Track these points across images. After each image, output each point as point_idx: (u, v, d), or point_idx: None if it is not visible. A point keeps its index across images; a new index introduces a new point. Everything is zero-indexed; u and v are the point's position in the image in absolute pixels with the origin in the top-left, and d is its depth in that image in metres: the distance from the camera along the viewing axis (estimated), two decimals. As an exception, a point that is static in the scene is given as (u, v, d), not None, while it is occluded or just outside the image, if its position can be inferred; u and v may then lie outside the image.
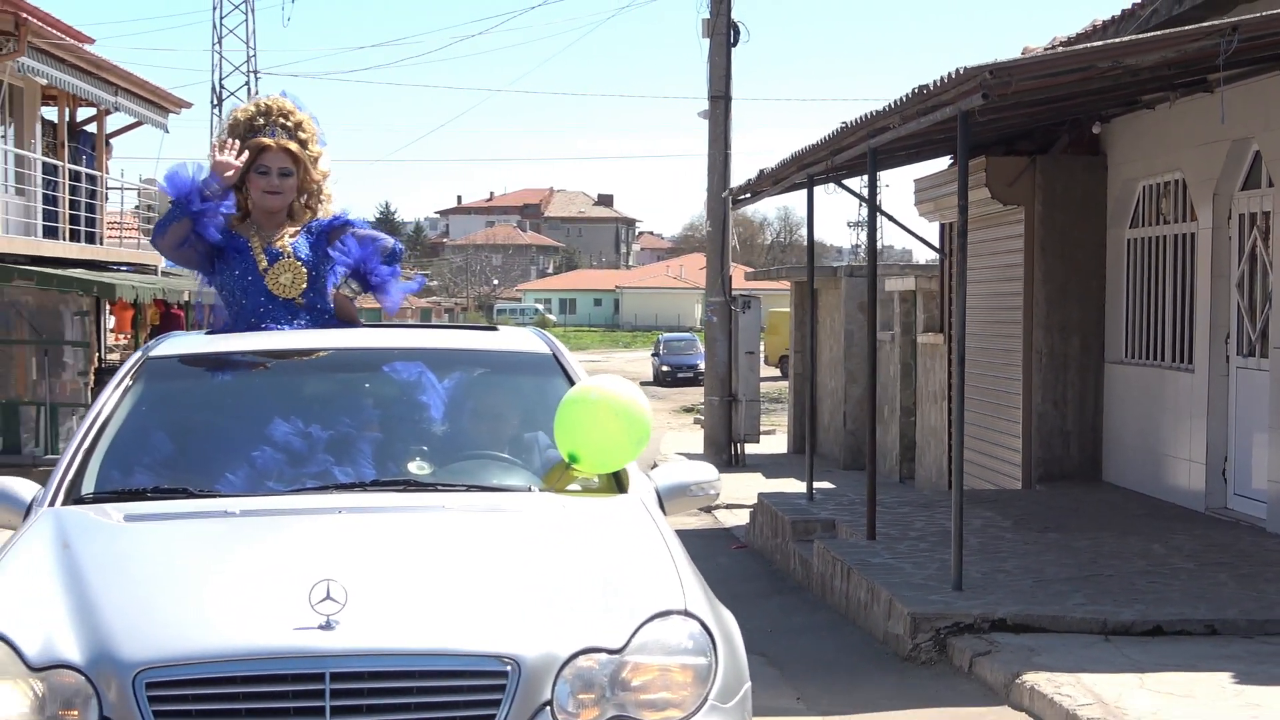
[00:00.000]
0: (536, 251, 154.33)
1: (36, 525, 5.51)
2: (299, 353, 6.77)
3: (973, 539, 13.17)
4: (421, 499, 5.67)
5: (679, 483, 6.19)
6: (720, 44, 27.07)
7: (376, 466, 5.93)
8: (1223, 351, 14.78)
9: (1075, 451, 17.59)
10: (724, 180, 26.73)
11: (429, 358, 6.50)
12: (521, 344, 6.88)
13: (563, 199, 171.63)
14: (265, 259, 6.96)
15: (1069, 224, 17.52)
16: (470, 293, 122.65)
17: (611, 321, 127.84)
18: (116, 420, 6.21)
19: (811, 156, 15.58)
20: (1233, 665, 8.82)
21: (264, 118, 7.15)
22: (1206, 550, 12.51)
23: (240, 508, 5.49)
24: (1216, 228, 14.85)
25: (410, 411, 6.31)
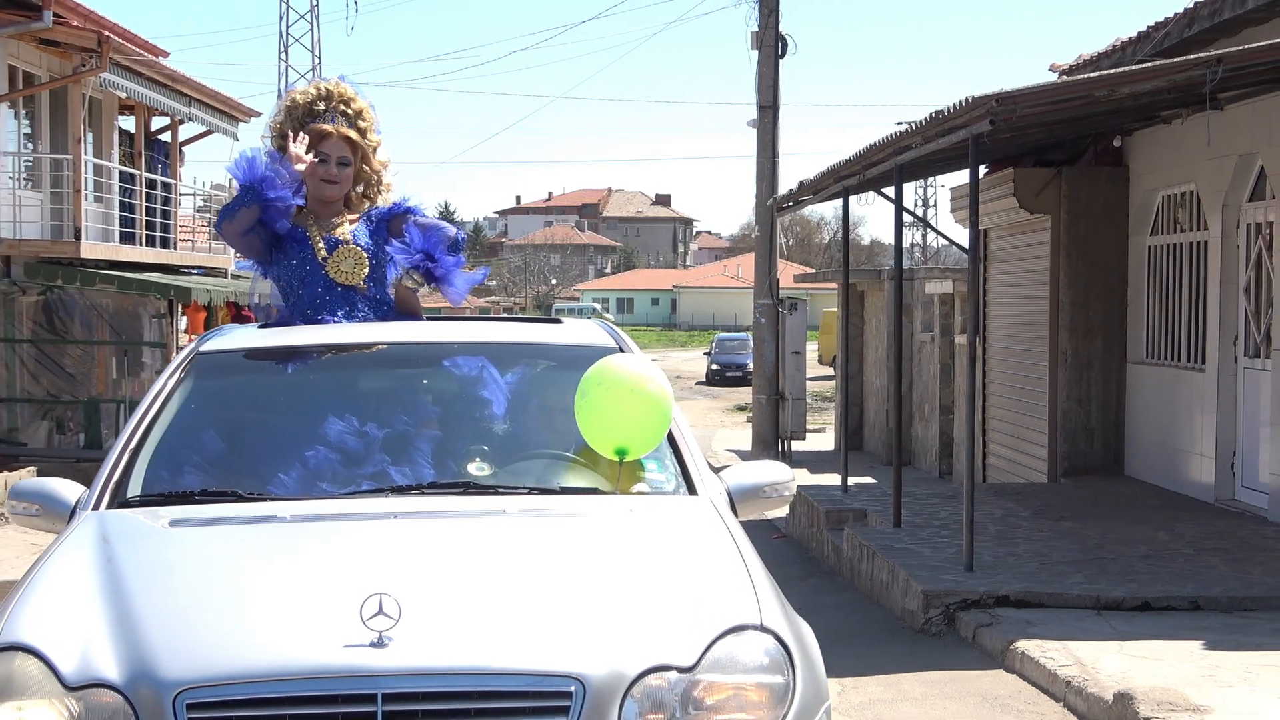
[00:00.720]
0: (594, 251, 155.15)
1: (78, 530, 5.32)
2: (355, 347, 6.53)
3: (992, 527, 14.26)
4: (481, 503, 5.42)
5: (752, 483, 5.91)
6: (769, 56, 28.07)
7: (435, 467, 5.70)
8: (1231, 353, 15.77)
9: (1098, 447, 18.60)
10: (772, 187, 27.76)
11: (491, 351, 6.27)
12: (586, 337, 6.58)
13: (621, 199, 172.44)
14: (324, 247, 6.77)
15: (1093, 232, 18.51)
16: (528, 292, 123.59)
17: (669, 321, 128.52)
18: (165, 419, 6.02)
19: (845, 170, 16.65)
20: (1206, 635, 9.85)
21: (324, 103, 6.98)
22: (1207, 537, 13.51)
23: (291, 512, 5.27)
24: (1225, 237, 15.85)
25: (471, 408, 6.07)
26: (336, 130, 6.85)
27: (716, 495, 5.68)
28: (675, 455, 5.80)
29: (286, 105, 7.03)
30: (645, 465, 5.70)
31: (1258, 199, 15.41)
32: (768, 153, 28.26)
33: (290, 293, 6.79)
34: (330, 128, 6.85)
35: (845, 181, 17.36)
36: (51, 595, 4.74)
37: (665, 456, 5.80)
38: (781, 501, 5.99)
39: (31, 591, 4.76)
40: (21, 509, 5.80)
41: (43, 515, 5.76)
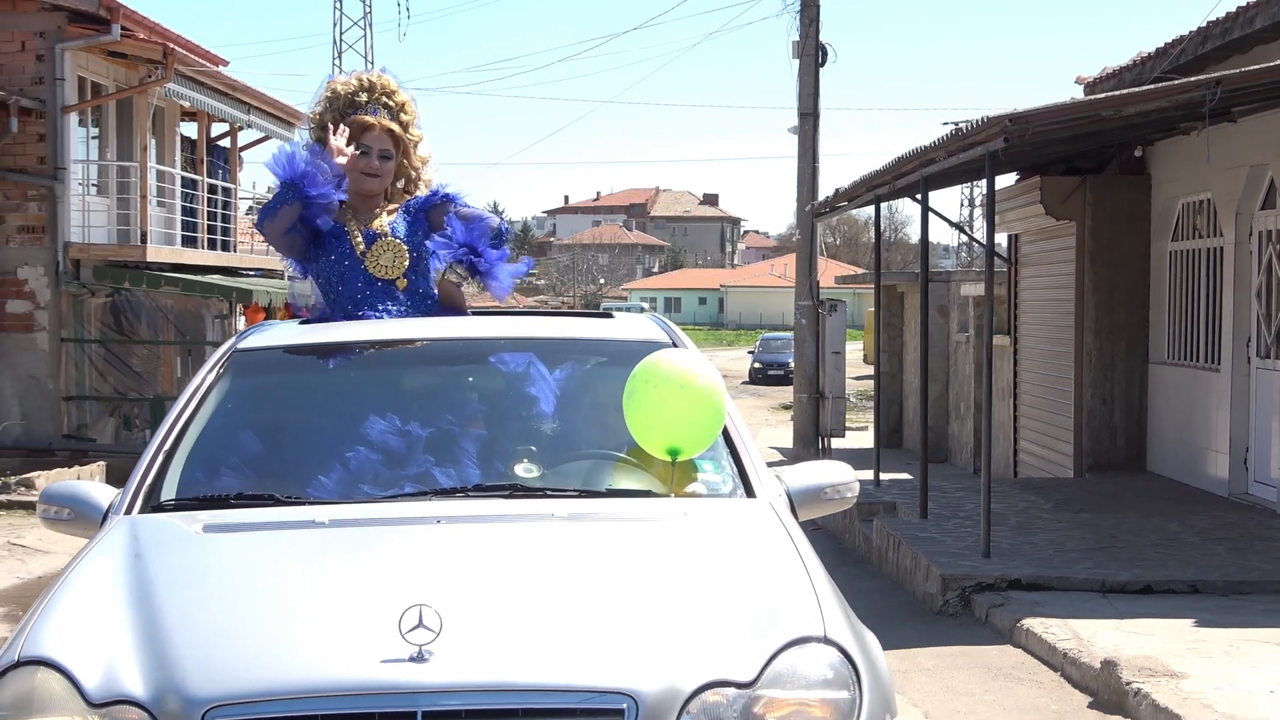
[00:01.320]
0: (642, 250, 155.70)
1: (108, 536, 5.12)
2: (397, 343, 6.31)
3: (1013, 518, 15.11)
4: (528, 506, 5.20)
5: (813, 484, 5.66)
6: (809, 65, 28.89)
7: (481, 468, 5.49)
8: (1244, 353, 16.57)
9: (1122, 444, 19.40)
10: (812, 192, 28.61)
11: (539, 347, 6.04)
12: (639, 331, 6.35)
13: (668, 198, 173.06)
14: (363, 241, 6.59)
15: (1116, 237, 19.32)
16: (576, 292, 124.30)
17: (716, 320, 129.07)
18: (201, 419, 5.82)
19: (876, 180, 17.52)
20: (1198, 614, 10.69)
21: (366, 94, 6.81)
22: (1215, 528, 14.33)
23: (329, 517, 5.07)
24: (1239, 243, 16.66)
25: (518, 407, 5.84)
26: (379, 122, 6.68)
27: (775, 497, 5.43)
28: (732, 455, 5.57)
29: (327, 96, 6.84)
30: (700, 466, 5.46)
31: (1269, 208, 16.21)
32: (808, 158, 29.10)
33: (330, 289, 6.62)
34: (373, 119, 6.68)
35: (877, 190, 18.23)
36: (77, 606, 4.57)
37: (721, 457, 5.56)
38: (843, 504, 5.72)
39: (56, 602, 4.58)
40: (53, 513, 5.62)
41: (74, 520, 5.59)
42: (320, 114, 6.81)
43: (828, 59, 29.10)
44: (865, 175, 18.20)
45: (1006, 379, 23.61)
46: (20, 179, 24.56)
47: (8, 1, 24.49)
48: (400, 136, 6.74)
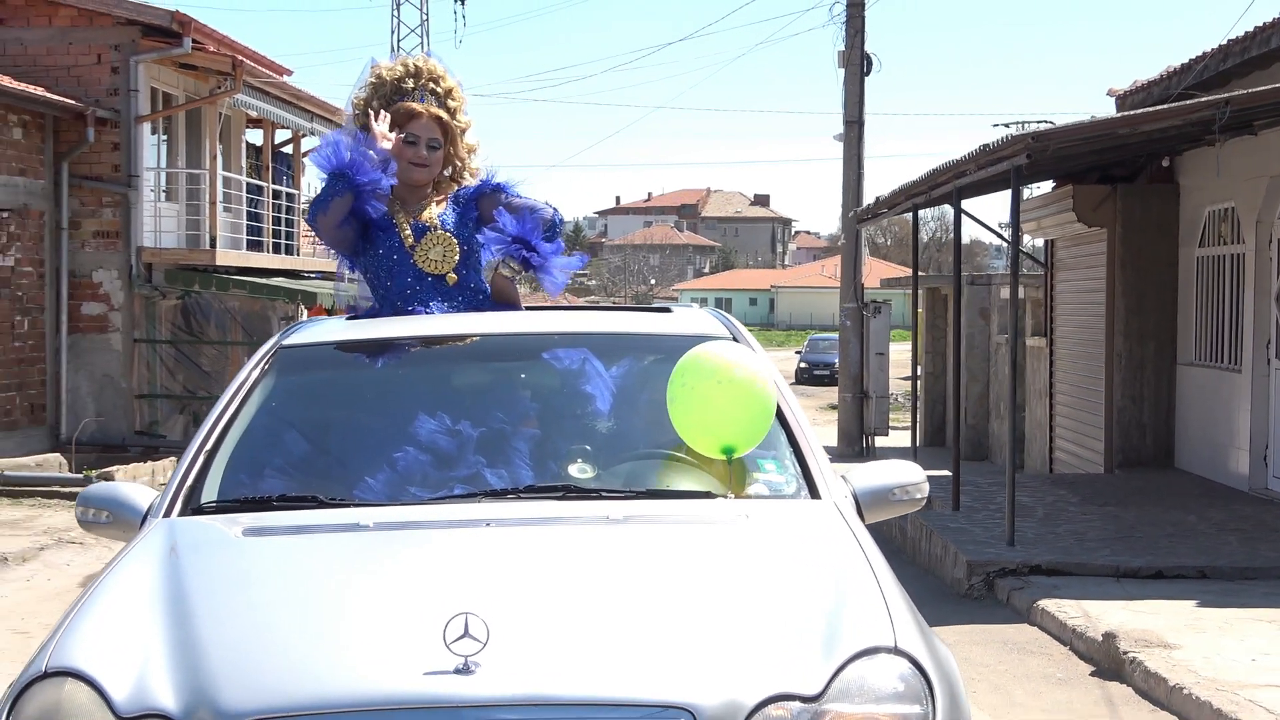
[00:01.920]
0: (693, 251, 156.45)
1: (145, 540, 4.96)
2: (448, 339, 6.10)
3: (1041, 511, 16.01)
4: (581, 508, 4.99)
5: (881, 485, 5.45)
6: (854, 74, 29.80)
7: (534, 468, 5.29)
8: (1264, 355, 17.40)
9: (1150, 441, 20.24)
10: (857, 198, 29.51)
11: (594, 343, 5.82)
12: (698, 326, 6.10)
13: (719, 199, 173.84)
14: (411, 234, 6.41)
15: (1146, 244, 20.16)
16: (628, 292, 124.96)
17: (767, 321, 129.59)
18: (244, 418, 5.62)
19: (913, 189, 18.43)
20: (1203, 596, 11.56)
21: (412, 80, 6.57)
22: (1231, 520, 15.18)
23: (374, 520, 4.87)
24: (1259, 250, 17.50)
25: (572, 405, 5.62)
26: (427, 110, 6.46)
27: (841, 499, 5.20)
28: (795, 454, 5.37)
29: (372, 81, 6.60)
30: (763, 465, 5.29)
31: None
32: (853, 165, 30.02)
33: (379, 284, 6.46)
34: (420, 107, 6.46)
35: (914, 199, 19.14)
36: (109, 614, 4.40)
37: (784, 455, 5.37)
38: (912, 505, 5.52)
39: (88, 610, 4.43)
40: (90, 516, 5.46)
41: (113, 523, 5.41)
42: (365, 100, 6.56)
43: (872, 68, 30.03)
44: (903, 185, 19.12)
45: (1043, 379, 24.46)
46: (96, 186, 25.65)
47: (85, 16, 25.58)
48: (448, 124, 6.49)
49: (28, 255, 25.04)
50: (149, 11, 25.71)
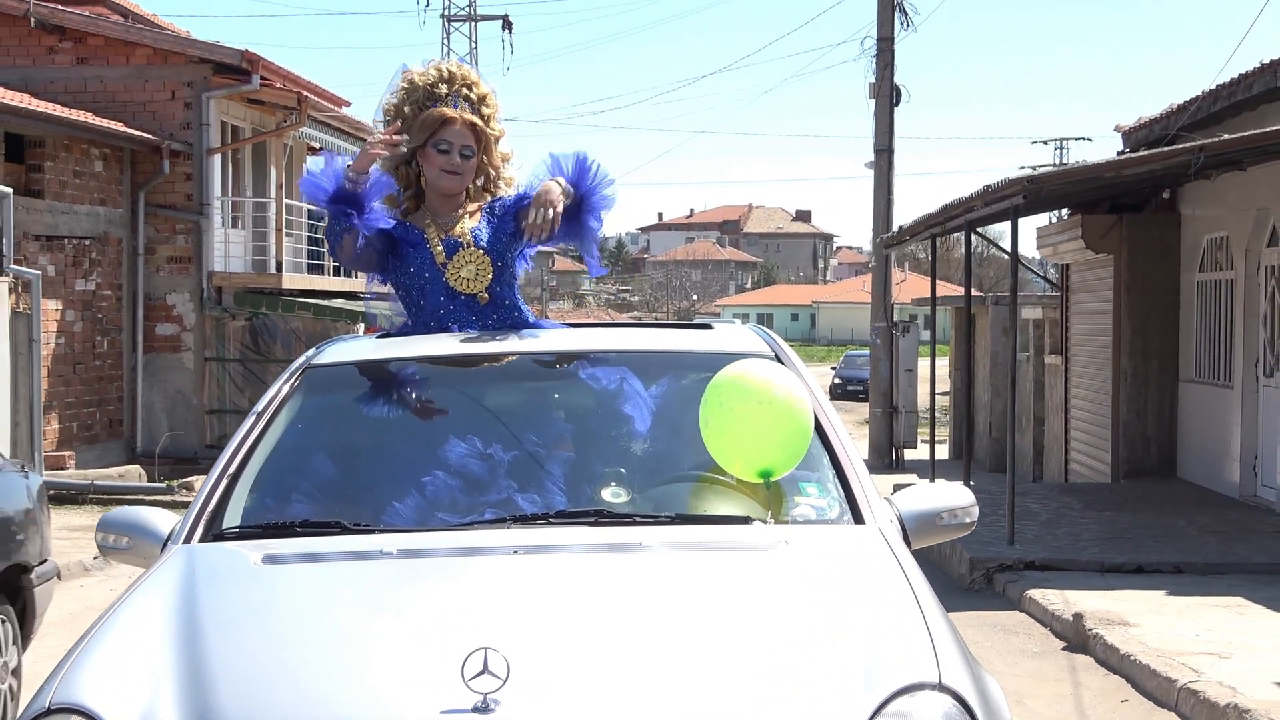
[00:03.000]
0: (735, 267, 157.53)
1: (162, 567, 4.81)
2: (481, 358, 5.87)
3: (1045, 515, 17.60)
4: (614, 534, 4.81)
5: (928, 509, 5.25)
6: (884, 104, 31.41)
7: (567, 492, 5.12)
8: (1253, 373, 18.94)
9: (1154, 453, 21.78)
10: (886, 222, 31.10)
11: (632, 361, 5.66)
12: (739, 343, 5.90)
13: (761, 215, 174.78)
14: (443, 251, 6.12)
15: (1149, 269, 21.71)
16: (670, 307, 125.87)
17: (808, 336, 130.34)
18: (269, 440, 5.46)
19: (931, 220, 20.06)
20: (1173, 587, 13.10)
21: (446, 85, 6.26)
22: (1217, 524, 16.71)
23: (398, 547, 4.70)
24: (1248, 276, 19.04)
25: (609, 426, 5.46)
26: (461, 116, 6.19)
27: (886, 523, 5.01)
28: (838, 476, 5.17)
29: (403, 87, 6.32)
30: (804, 489, 5.11)
31: (1272, 245, 18.58)
32: (883, 191, 31.61)
33: (411, 303, 6.19)
34: (454, 113, 6.18)
35: (932, 229, 20.76)
36: (118, 646, 4.26)
37: (827, 478, 5.17)
38: (961, 529, 5.33)
39: (98, 641, 4.29)
40: (110, 541, 5.30)
41: (133, 549, 5.25)
42: (395, 106, 6.30)
43: (901, 99, 31.62)
44: (922, 216, 20.74)
45: (1059, 395, 26.02)
46: (170, 214, 27.41)
47: (160, 56, 27.36)
48: (482, 131, 6.24)
49: (107, 280, 26.80)
50: (220, 51, 27.51)
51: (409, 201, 6.25)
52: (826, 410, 5.40)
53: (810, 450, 5.16)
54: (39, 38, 27.29)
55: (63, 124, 24.53)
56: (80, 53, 27.39)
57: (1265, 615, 11.62)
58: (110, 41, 27.36)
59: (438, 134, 6.13)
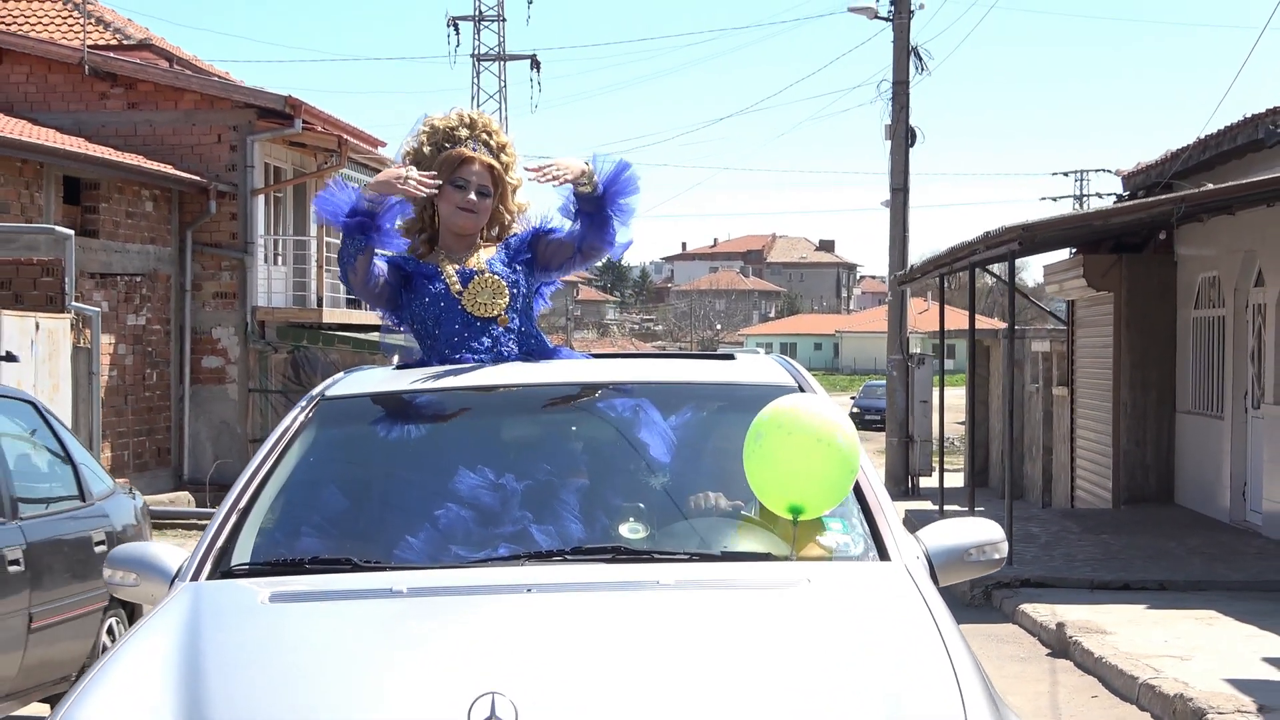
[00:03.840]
0: (759, 296, 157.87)
1: (168, 606, 4.71)
2: (498, 388, 5.72)
3: (1045, 537, 18.82)
4: (630, 572, 4.69)
5: (956, 545, 5.14)
6: (900, 145, 32.63)
7: (584, 524, 4.99)
8: (1242, 405, 20.14)
9: (1153, 480, 22.98)
10: (902, 259, 32.34)
11: (651, 392, 5.52)
12: (762, 374, 5.80)
13: (785, 244, 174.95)
14: (458, 280, 6.03)
15: (1148, 306, 22.92)
16: (694, 337, 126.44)
17: (831, 365, 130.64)
18: (280, 474, 5.36)
19: (939, 261, 21.35)
20: (1154, 602, 14.30)
21: (467, 129, 6.23)
22: (1205, 546, 17.90)
23: (408, 585, 4.60)
24: (1236, 314, 20.26)
25: (626, 459, 5.33)
26: (479, 157, 6.13)
27: (913, 560, 4.90)
28: (863, 512, 5.03)
29: (425, 130, 6.27)
30: (828, 524, 4.97)
31: (1259, 285, 19.79)
32: (899, 228, 32.83)
33: (426, 333, 6.09)
34: (472, 153, 6.13)
35: (940, 269, 22.02)
36: (120, 687, 4.19)
37: (852, 514, 5.03)
38: (990, 566, 5.23)
39: (98, 682, 4.23)
40: (119, 579, 5.20)
41: (141, 586, 5.16)
42: (415, 149, 6.23)
43: (916, 140, 32.81)
44: (932, 256, 22.06)
45: (1066, 425, 27.22)
46: (215, 252, 28.77)
47: (207, 101, 28.75)
48: (500, 175, 6.17)
49: (156, 315, 28.15)
50: (264, 96, 28.90)
51: (423, 245, 6.17)
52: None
53: None
54: (92, 84, 28.67)
55: (117, 168, 25.92)
56: (131, 98, 28.78)
57: (1232, 626, 12.82)
58: (160, 88, 28.74)
59: (456, 172, 6.06)
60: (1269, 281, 19.04)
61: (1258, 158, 18.62)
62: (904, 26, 32.53)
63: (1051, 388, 29.05)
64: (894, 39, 32.70)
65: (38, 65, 28.65)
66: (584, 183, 5.95)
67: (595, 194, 5.98)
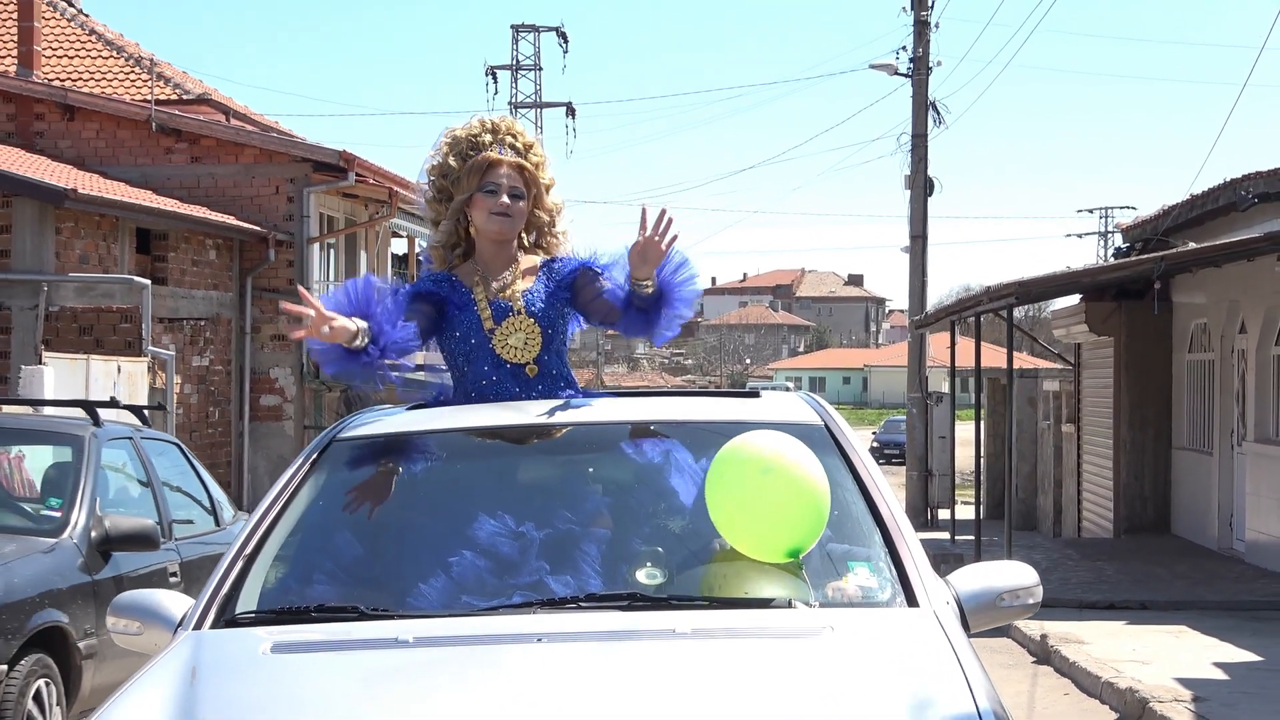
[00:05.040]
0: (788, 331, 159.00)
1: (167, 656, 4.56)
2: (515, 430, 5.52)
3: (1045, 563, 20.54)
4: (646, 620, 4.48)
5: (987, 589, 4.98)
6: (919, 195, 34.39)
7: (603, 573, 4.80)
8: (1229, 442, 21.89)
9: (1151, 511, 24.72)
10: (921, 302, 34.11)
11: (679, 433, 5.38)
12: (787, 412, 5.60)
13: (814, 279, 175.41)
14: (491, 316, 5.81)
15: (1146, 350, 24.69)
16: (724, 371, 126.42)
17: (860, 399, 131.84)
18: (289, 518, 5.19)
19: (948, 310, 23.17)
20: (1133, 618, 16.02)
21: (490, 135, 5.99)
22: (1191, 571, 19.63)
23: (414, 634, 4.42)
24: (1223, 358, 22.02)
25: (649, 501, 5.15)
26: (507, 160, 5.91)
27: (942, 606, 4.70)
28: (890, 554, 4.83)
29: (447, 143, 6.04)
30: (853, 567, 4.83)
31: (1242, 333, 21.54)
32: (919, 274, 34.60)
33: (455, 368, 5.93)
34: (499, 156, 5.91)
35: (951, 316, 23.83)
36: None
37: (879, 556, 4.84)
38: (1024, 611, 5.10)
39: None
40: (122, 627, 5.08)
41: (145, 634, 5.02)
42: (439, 164, 6.02)
43: (934, 189, 34.57)
44: (944, 306, 23.93)
45: (1073, 459, 28.96)
46: (273, 296, 30.56)
47: (265, 155, 30.63)
48: (531, 174, 5.95)
49: (219, 356, 30.02)
50: (320, 151, 30.81)
51: (457, 259, 5.99)
52: (877, 481, 5.14)
53: (860, 526, 4.94)
54: (158, 140, 30.55)
55: (186, 220, 27.78)
56: (194, 152, 30.65)
57: (1197, 638, 14.57)
58: (221, 143, 30.60)
59: (485, 178, 5.86)
60: (1250, 329, 20.79)
61: (1240, 216, 20.38)
62: (922, 83, 34.34)
63: (1060, 424, 30.78)
64: (913, 94, 34.54)
65: (107, 122, 30.51)
66: (645, 286, 5.66)
67: (649, 295, 5.69)
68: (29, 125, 30.44)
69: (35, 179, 23.96)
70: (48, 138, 30.21)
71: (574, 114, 63.24)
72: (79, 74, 34.09)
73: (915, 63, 34.48)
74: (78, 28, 35.88)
